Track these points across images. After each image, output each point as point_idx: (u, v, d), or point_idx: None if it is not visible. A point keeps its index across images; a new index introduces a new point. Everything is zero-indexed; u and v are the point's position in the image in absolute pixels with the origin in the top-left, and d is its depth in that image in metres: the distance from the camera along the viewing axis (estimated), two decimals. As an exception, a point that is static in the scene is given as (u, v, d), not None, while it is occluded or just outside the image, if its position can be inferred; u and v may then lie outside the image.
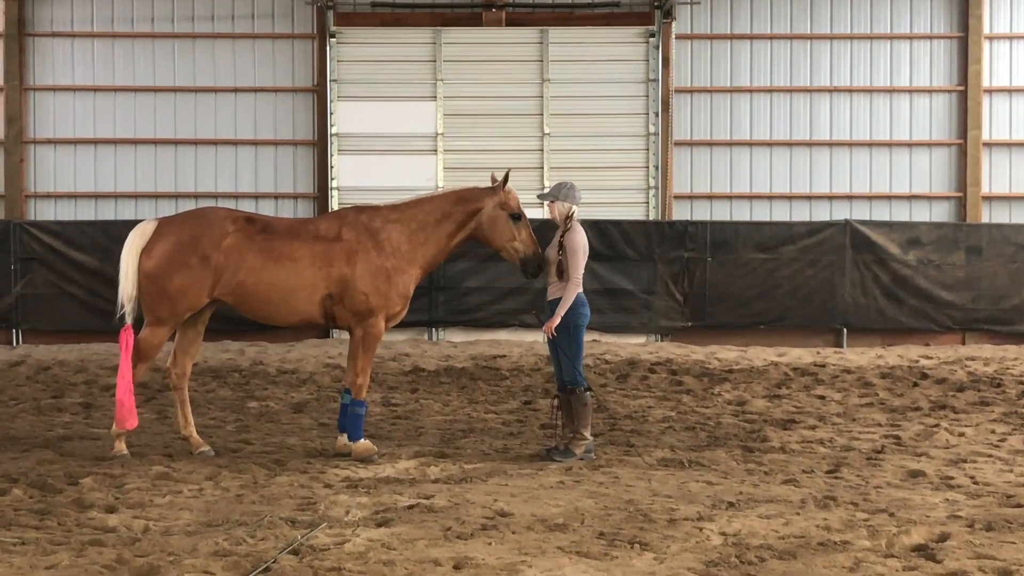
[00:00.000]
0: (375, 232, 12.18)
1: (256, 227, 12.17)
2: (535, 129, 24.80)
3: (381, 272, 12.06)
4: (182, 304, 11.91)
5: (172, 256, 11.86)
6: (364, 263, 12.03)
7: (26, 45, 25.04)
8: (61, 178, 25.09)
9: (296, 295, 12.01)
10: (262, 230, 12.15)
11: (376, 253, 12.09)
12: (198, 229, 12.01)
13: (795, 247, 24.09)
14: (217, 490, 10.38)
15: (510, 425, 14.28)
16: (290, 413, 15.34)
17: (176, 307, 11.91)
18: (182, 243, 11.92)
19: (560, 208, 12.24)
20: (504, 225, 12.30)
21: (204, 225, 12.06)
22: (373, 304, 12.05)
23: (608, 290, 23.90)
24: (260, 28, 25.22)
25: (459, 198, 12.45)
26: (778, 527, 8.91)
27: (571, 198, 12.23)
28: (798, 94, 25.33)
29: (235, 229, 12.04)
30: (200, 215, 12.41)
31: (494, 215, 12.29)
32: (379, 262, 12.07)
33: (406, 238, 12.24)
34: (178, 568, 7.63)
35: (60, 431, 13.47)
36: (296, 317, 12.23)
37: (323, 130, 24.88)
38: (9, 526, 8.81)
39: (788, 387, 17.95)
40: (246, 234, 12.04)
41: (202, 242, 11.90)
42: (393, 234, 12.21)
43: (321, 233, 12.19)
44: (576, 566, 7.78)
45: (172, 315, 11.95)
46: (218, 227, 12.01)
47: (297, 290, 11.99)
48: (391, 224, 12.26)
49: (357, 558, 7.90)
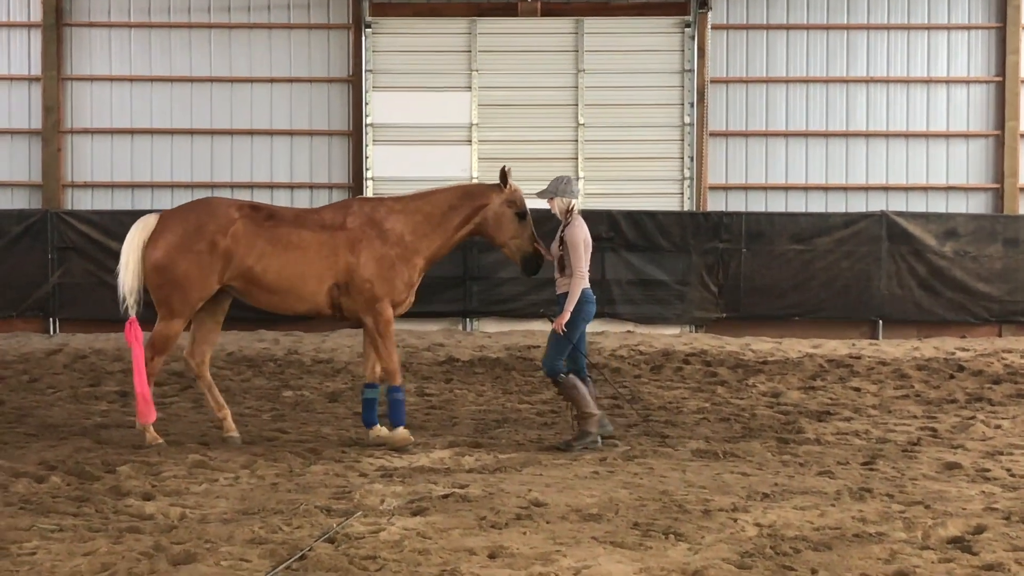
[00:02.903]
0: (379, 222, 12.22)
1: (262, 214, 12.26)
2: (570, 120, 24.78)
3: (385, 260, 12.10)
4: (193, 293, 11.98)
5: (179, 245, 11.94)
6: (368, 251, 12.08)
7: (64, 35, 25.17)
8: (98, 168, 25.23)
9: (304, 283, 12.07)
10: (268, 217, 12.24)
11: (380, 242, 12.13)
12: (203, 217, 12.09)
13: (831, 238, 23.99)
14: (253, 478, 10.43)
15: (544, 415, 14.29)
16: (325, 402, 15.39)
17: (188, 296, 11.98)
18: (188, 232, 11.99)
19: (560, 203, 12.27)
20: (509, 222, 12.35)
21: (209, 213, 12.15)
22: (378, 292, 12.09)
23: (642, 281, 23.89)
24: (296, 18, 25.28)
25: (465, 193, 12.52)
26: (813, 518, 8.88)
27: (569, 192, 12.26)
28: (834, 84, 25.21)
29: (241, 216, 12.12)
30: (203, 204, 12.48)
31: (500, 212, 12.34)
32: (383, 251, 12.12)
33: (410, 229, 12.27)
34: (214, 555, 7.66)
35: (97, 419, 13.55)
36: (303, 306, 12.25)
37: (358, 120, 24.93)
38: (47, 513, 8.87)
39: (823, 379, 17.88)
40: (253, 220, 12.12)
41: (208, 229, 11.98)
42: (397, 224, 12.25)
43: (327, 222, 12.25)
44: (610, 556, 7.77)
45: (185, 305, 12.04)
46: (223, 214, 12.10)
47: (305, 278, 12.05)
48: (395, 214, 12.31)
49: (392, 547, 7.92)
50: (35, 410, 14.32)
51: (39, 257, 23.69)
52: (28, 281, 23.77)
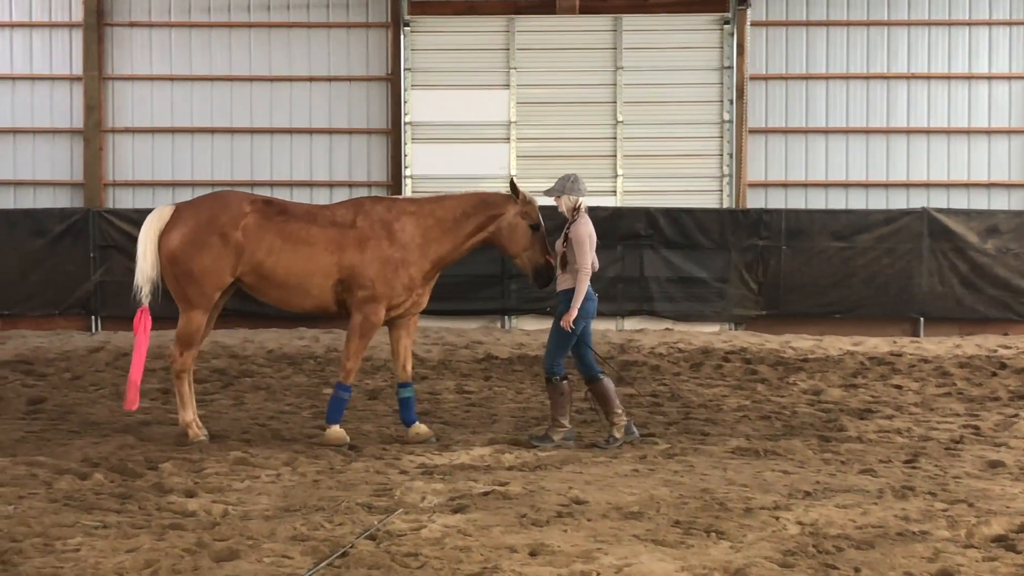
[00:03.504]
0: (389, 223, 12.23)
1: (274, 209, 12.32)
2: (608, 117, 24.73)
3: (389, 262, 12.10)
4: (208, 285, 12.06)
5: (192, 237, 12.04)
6: (374, 251, 12.09)
7: (105, 35, 25.33)
8: (139, 166, 25.38)
9: (311, 280, 12.12)
10: (280, 212, 12.29)
11: (388, 243, 12.14)
12: (216, 210, 12.18)
13: (871, 235, 23.85)
14: (294, 475, 10.47)
15: (583, 413, 14.26)
16: (365, 400, 15.43)
17: (203, 288, 12.07)
18: (200, 224, 12.09)
19: (567, 201, 12.24)
20: (522, 234, 12.30)
21: (221, 206, 12.24)
22: (377, 292, 12.10)
23: (681, 278, 23.84)
24: (335, 17, 25.35)
25: (481, 201, 12.46)
26: (856, 517, 8.85)
27: (576, 190, 12.23)
28: (875, 81, 25.09)
29: (253, 210, 12.19)
30: (217, 197, 12.58)
31: (514, 223, 12.29)
32: (389, 252, 12.12)
33: (420, 232, 12.26)
34: (257, 552, 7.70)
35: (139, 416, 13.61)
36: (310, 302, 12.30)
37: (397, 119, 24.99)
38: (91, 510, 8.93)
39: (864, 376, 17.80)
40: (265, 215, 12.19)
41: (220, 221, 12.06)
42: (408, 226, 12.25)
43: (337, 219, 12.28)
44: (652, 554, 7.76)
45: (202, 296, 12.11)
46: (236, 207, 12.18)
47: (312, 274, 12.10)
48: (407, 216, 12.30)
49: (433, 544, 7.94)
50: (78, 407, 14.43)
51: (81, 256, 23.85)
52: (70, 279, 23.94)
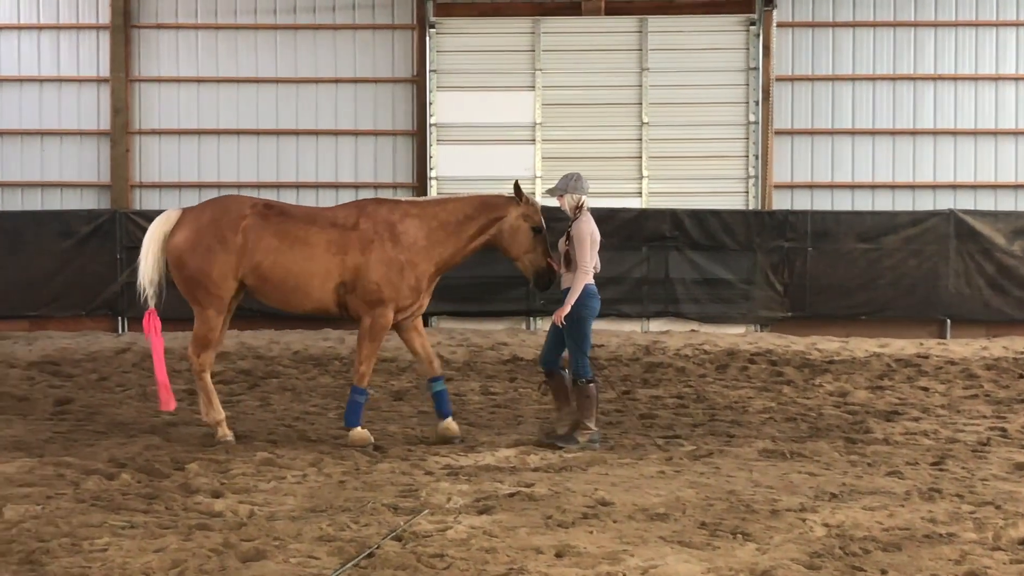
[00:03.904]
0: (393, 224, 12.23)
1: (274, 211, 12.37)
2: (634, 118, 24.71)
3: (394, 264, 12.11)
4: (213, 287, 12.12)
5: (196, 240, 12.14)
6: (378, 253, 12.09)
7: (132, 37, 25.43)
8: (165, 168, 25.48)
9: (310, 281, 12.13)
10: (279, 214, 12.34)
11: (392, 244, 12.14)
12: (217, 213, 12.27)
13: (898, 237, 23.80)
14: (320, 476, 10.49)
15: (608, 415, 14.27)
16: (390, 401, 15.45)
17: (209, 291, 12.14)
18: (203, 227, 12.19)
19: (570, 200, 12.27)
20: (524, 236, 12.31)
21: (222, 210, 12.32)
22: (384, 295, 12.11)
23: (707, 280, 23.83)
24: (361, 19, 25.40)
25: (483, 203, 12.47)
26: (882, 519, 8.82)
27: (579, 189, 12.26)
28: (901, 82, 25.00)
29: (253, 212, 12.25)
30: (220, 201, 12.65)
31: (517, 225, 12.31)
32: (393, 254, 12.12)
33: (424, 234, 12.27)
34: (283, 553, 7.72)
35: (166, 417, 13.65)
36: (310, 304, 12.30)
37: (422, 120, 25.01)
38: (118, 510, 8.96)
39: (891, 378, 17.74)
40: (263, 217, 12.24)
41: (221, 224, 12.15)
42: (411, 228, 12.25)
43: (339, 221, 12.30)
44: (678, 556, 7.75)
45: (209, 298, 12.17)
46: (236, 211, 12.25)
47: (311, 275, 12.11)
48: (410, 218, 12.31)
49: (459, 545, 7.94)
50: (104, 408, 14.49)
51: (108, 257, 23.95)
52: (97, 280, 24.05)
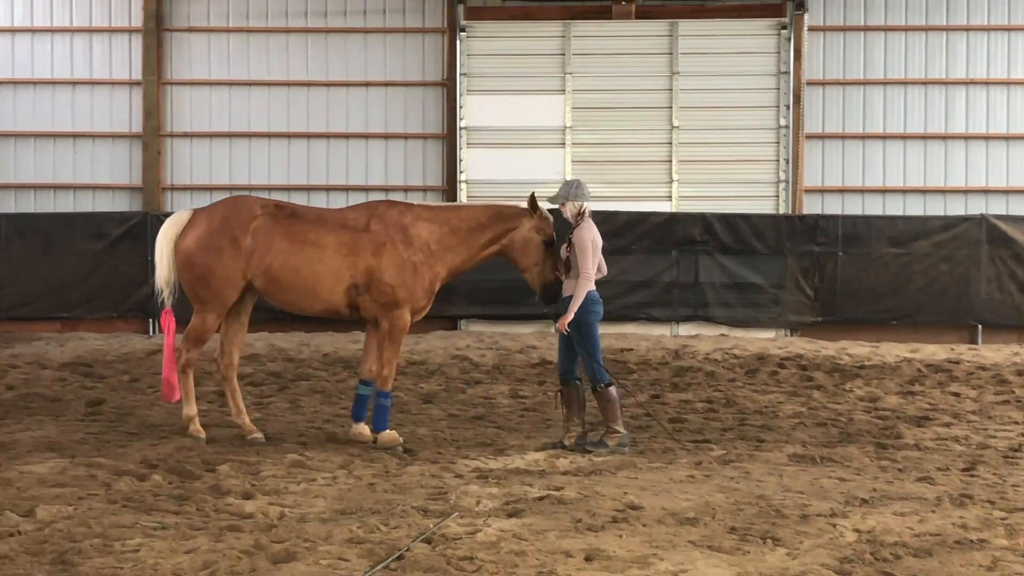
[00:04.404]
0: (405, 227, 12.26)
1: (284, 212, 12.43)
2: (664, 122, 24.69)
3: (407, 265, 12.15)
4: (220, 288, 12.17)
5: (205, 241, 12.19)
6: (391, 255, 12.14)
7: (164, 40, 25.55)
8: (197, 171, 25.58)
9: (321, 282, 12.17)
10: (290, 215, 12.39)
11: (404, 247, 12.18)
12: (227, 214, 12.33)
13: (929, 242, 23.71)
14: (350, 478, 10.51)
15: (638, 419, 14.25)
16: (420, 404, 15.49)
17: (216, 291, 12.19)
18: (212, 228, 12.24)
19: (571, 207, 12.28)
20: (535, 249, 12.33)
21: (233, 210, 12.38)
22: (399, 297, 12.16)
23: (737, 284, 23.78)
24: (391, 22, 25.46)
25: (497, 213, 12.48)
26: (913, 524, 8.79)
27: (580, 196, 12.27)
28: (933, 86, 24.90)
29: (263, 213, 12.30)
30: (230, 202, 12.73)
31: (528, 237, 12.32)
32: (406, 256, 12.16)
33: (436, 238, 12.31)
34: (314, 554, 7.74)
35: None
36: (320, 305, 12.35)
37: (452, 124, 25.04)
38: (149, 511, 9.01)
39: (921, 384, 17.67)
40: (274, 218, 12.29)
41: (231, 225, 12.20)
42: (423, 232, 12.29)
43: (349, 223, 12.34)
44: (708, 560, 7.74)
45: (214, 299, 12.23)
46: (246, 212, 12.31)
47: (322, 277, 12.15)
48: (422, 222, 12.35)
49: (489, 548, 7.95)
50: (136, 409, 14.54)
51: (139, 259, 24.03)
52: (128, 282, 24.14)
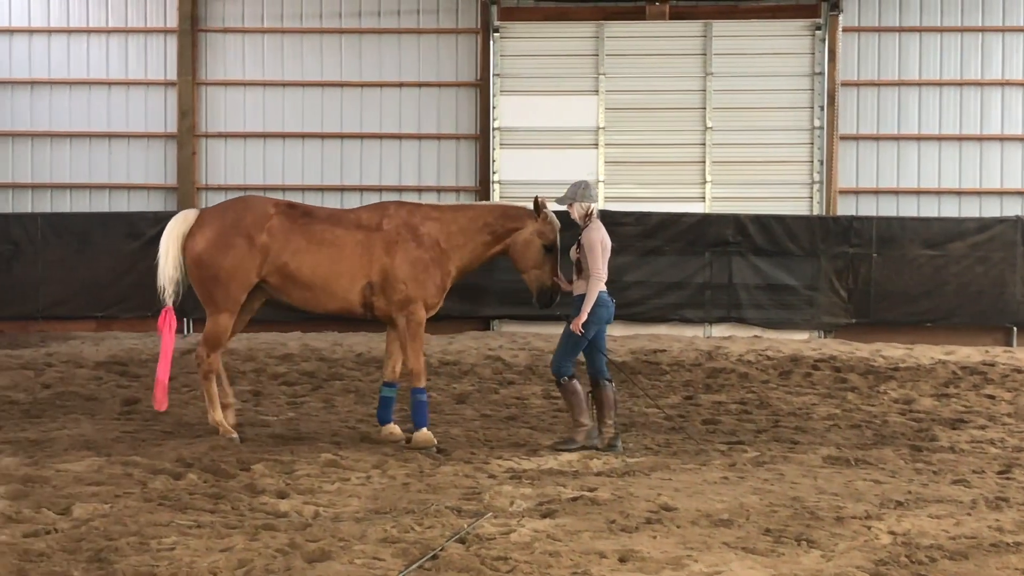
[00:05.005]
0: (414, 226, 12.35)
1: (298, 212, 12.50)
2: (697, 123, 24.66)
3: (420, 263, 12.23)
4: (233, 287, 12.22)
5: (218, 240, 12.21)
6: (403, 253, 12.21)
7: (199, 40, 25.67)
8: (231, 170, 25.70)
9: (337, 281, 12.23)
10: (304, 215, 12.47)
11: (415, 244, 12.26)
12: (241, 213, 12.38)
13: (964, 243, 23.59)
14: (384, 478, 10.53)
15: (672, 420, 14.22)
16: (452, 404, 15.50)
17: (229, 290, 12.23)
18: (226, 227, 12.27)
19: (579, 208, 12.29)
20: (535, 252, 12.34)
21: (246, 209, 12.44)
22: (412, 293, 12.21)
23: (770, 286, 23.72)
24: (425, 23, 25.51)
25: (503, 213, 12.55)
26: (949, 527, 8.74)
27: (588, 197, 12.28)
28: (968, 87, 24.79)
29: (277, 212, 12.37)
30: (241, 201, 12.80)
31: (529, 240, 12.34)
32: (418, 253, 12.24)
33: (444, 237, 12.38)
34: (348, 554, 7.76)
35: (231, 418, 13.75)
36: (335, 304, 12.39)
37: (485, 124, 25.08)
38: (185, 509, 9.05)
39: (956, 386, 17.58)
40: (289, 217, 12.36)
41: (246, 223, 12.24)
42: (432, 231, 12.36)
43: (362, 222, 12.42)
44: (742, 562, 7.72)
45: (228, 298, 12.28)
46: (260, 210, 12.37)
47: (338, 276, 12.22)
48: (431, 221, 12.42)
49: (523, 548, 7.95)
50: (171, 408, 14.50)
51: (174, 258, 24.11)
52: (163, 282, 24.20)
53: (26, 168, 26.01)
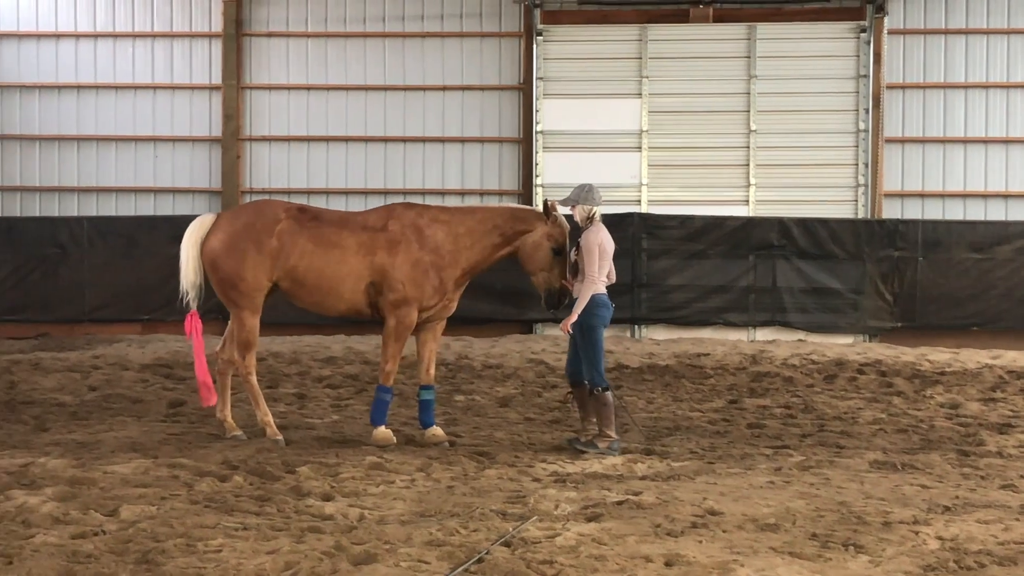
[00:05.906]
0: (420, 228, 12.42)
1: (307, 215, 12.61)
2: (741, 126, 24.59)
3: (420, 264, 12.29)
4: (247, 288, 12.38)
5: (231, 244, 12.40)
6: (405, 254, 12.29)
7: (243, 45, 25.81)
8: (275, 174, 25.82)
9: (343, 282, 12.36)
10: (313, 218, 12.57)
11: (418, 246, 12.33)
12: (252, 218, 12.54)
13: (1011, 247, 23.43)
14: (429, 481, 10.54)
15: (716, 424, 14.18)
16: (496, 407, 15.50)
17: (243, 292, 12.40)
18: (237, 232, 12.44)
19: (581, 211, 12.27)
20: (544, 255, 12.34)
21: (257, 214, 12.60)
22: (408, 294, 12.28)
23: (815, 289, 23.63)
24: (468, 27, 25.55)
25: (512, 215, 12.59)
26: (997, 532, 8.66)
27: (591, 200, 12.25)
28: (1016, 90, 24.63)
29: (287, 216, 12.48)
30: (254, 206, 13.01)
31: (539, 242, 12.34)
32: (419, 255, 12.31)
33: (451, 240, 12.43)
34: (394, 556, 7.76)
35: (276, 420, 13.78)
36: (343, 305, 12.51)
37: (528, 127, 25.10)
38: (231, 512, 9.08)
39: (1003, 390, 17.44)
40: (298, 221, 12.48)
41: (256, 228, 12.40)
42: (439, 233, 12.42)
43: (369, 224, 12.52)
44: (789, 567, 7.67)
45: (246, 299, 12.46)
46: (270, 215, 12.51)
47: (344, 277, 12.34)
48: (438, 223, 12.49)
49: (568, 552, 7.93)
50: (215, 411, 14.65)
51: (218, 262, 24.24)
52: (208, 285, 24.22)
53: (72, 172, 26.22)
